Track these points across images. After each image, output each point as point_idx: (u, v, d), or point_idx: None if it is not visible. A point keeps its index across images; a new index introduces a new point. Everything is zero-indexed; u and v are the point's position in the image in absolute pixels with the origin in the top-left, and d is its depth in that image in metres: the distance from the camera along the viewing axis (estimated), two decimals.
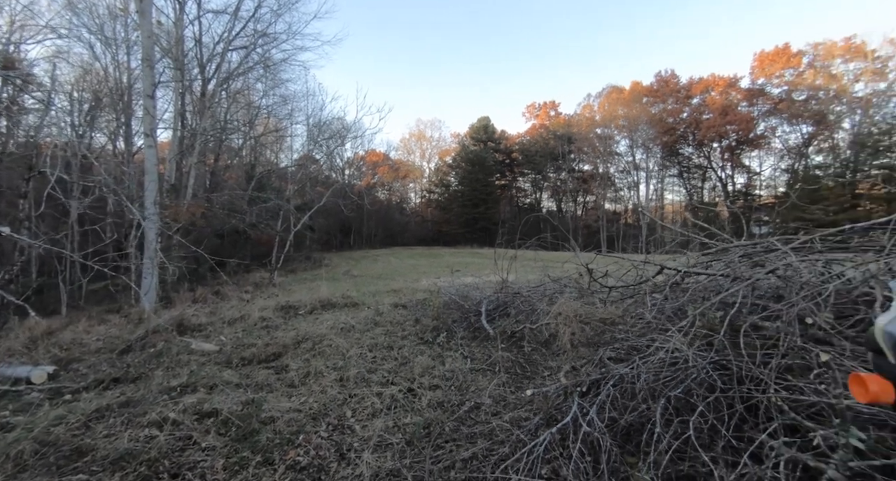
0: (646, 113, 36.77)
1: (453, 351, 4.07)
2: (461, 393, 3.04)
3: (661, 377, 2.31)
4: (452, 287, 7.30)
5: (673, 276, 3.60)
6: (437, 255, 21.58)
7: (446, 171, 43.23)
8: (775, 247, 3.11)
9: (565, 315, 3.30)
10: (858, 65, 28.94)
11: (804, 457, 1.64)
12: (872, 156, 26.27)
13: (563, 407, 2.45)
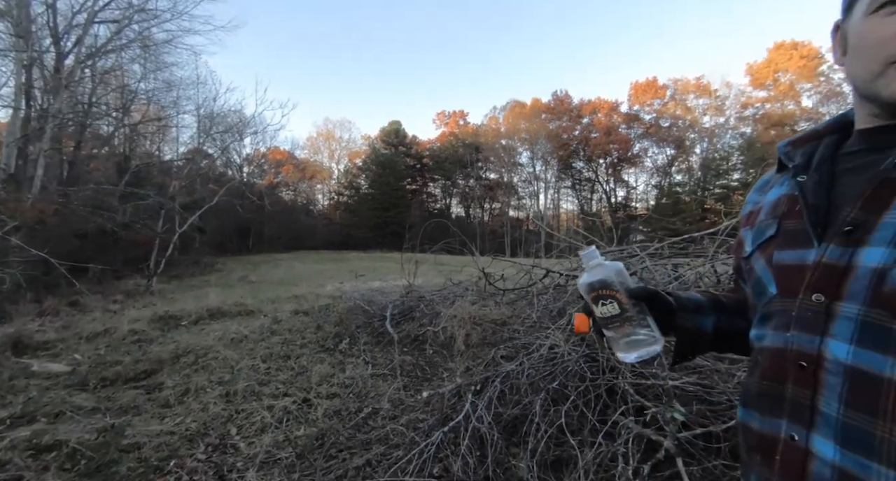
0: (544, 128, 40.08)
1: (355, 357, 4.01)
2: (360, 399, 3.01)
3: (542, 371, 2.56)
4: (358, 292, 7.17)
5: (557, 279, 4.00)
6: (346, 260, 20.96)
7: (356, 174, 42.27)
8: (636, 253, 3.64)
9: (460, 317, 3.46)
10: (706, 100, 35.13)
11: (647, 433, 1.95)
12: (715, 177, 32.04)
13: (458, 407, 2.57)
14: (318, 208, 43.23)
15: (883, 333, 0.46)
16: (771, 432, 0.56)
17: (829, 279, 0.52)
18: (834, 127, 0.62)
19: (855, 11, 0.54)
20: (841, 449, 0.48)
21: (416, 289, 6.06)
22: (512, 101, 43.79)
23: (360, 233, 36.68)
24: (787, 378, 0.54)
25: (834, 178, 0.57)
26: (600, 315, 0.68)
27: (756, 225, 0.66)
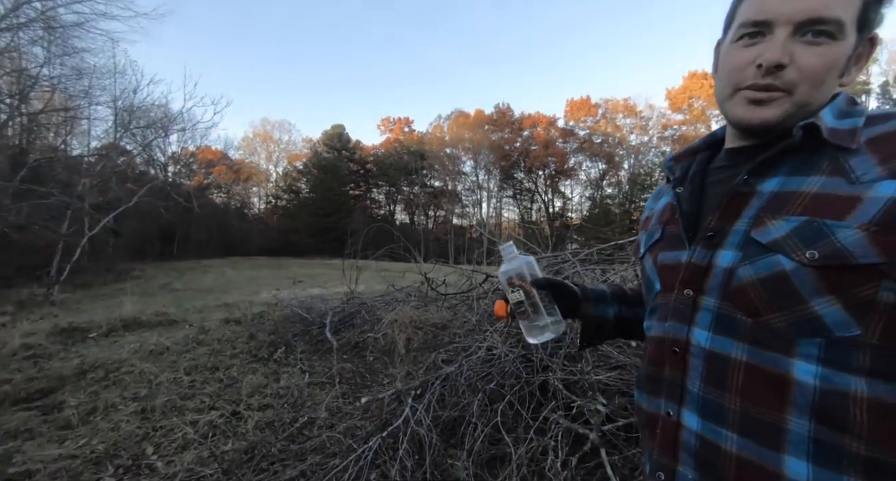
0: (487, 139, 41.29)
1: (291, 366, 3.85)
2: (295, 409, 2.89)
3: (480, 373, 2.63)
4: (296, 299, 6.88)
5: (496, 284, 4.14)
6: (283, 266, 19.99)
7: (296, 177, 40.65)
8: (569, 259, 3.87)
9: (402, 322, 3.46)
10: (632, 120, 38.26)
11: (574, 427, 2.07)
12: (641, 191, 34.89)
13: (398, 411, 2.56)
14: (254, 212, 40.95)
15: (731, 322, 0.54)
16: (654, 410, 0.64)
17: (695, 276, 0.59)
18: (706, 144, 0.71)
19: (728, 35, 0.61)
20: (701, 420, 0.56)
21: (358, 295, 5.94)
22: (456, 110, 44.69)
23: (300, 238, 35.23)
24: (664, 362, 0.62)
25: (704, 190, 0.65)
26: (511, 301, 0.78)
27: (648, 229, 0.75)
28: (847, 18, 0.51)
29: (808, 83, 0.53)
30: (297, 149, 43.89)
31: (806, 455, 0.48)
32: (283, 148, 43.41)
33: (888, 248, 0.45)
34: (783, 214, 0.52)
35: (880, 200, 0.46)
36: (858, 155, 0.50)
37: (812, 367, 0.48)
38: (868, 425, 0.45)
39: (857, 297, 0.46)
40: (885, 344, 0.46)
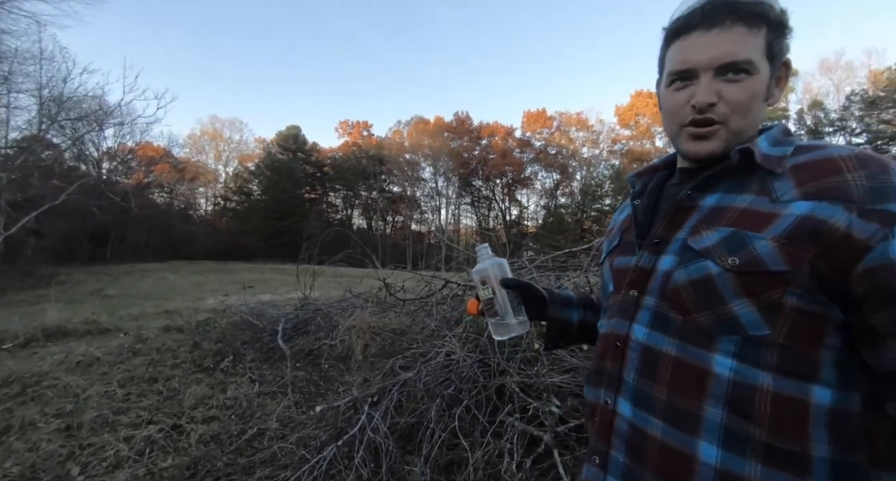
0: (446, 146, 41.67)
1: (240, 376, 3.66)
2: (244, 421, 2.75)
3: (438, 378, 2.63)
4: (246, 305, 6.56)
5: (455, 289, 4.16)
6: (232, 271, 19.00)
7: (248, 178, 38.94)
8: (525, 266, 3.97)
9: (359, 327, 3.40)
10: (584, 134, 40.12)
11: (529, 429, 2.12)
12: (592, 201, 36.56)
13: (354, 419, 2.50)
14: (200, 214, 38.73)
15: (665, 319, 0.61)
16: (595, 401, 0.70)
17: (640, 278, 0.65)
18: (666, 164, 0.78)
19: (662, 79, 0.68)
20: (633, 408, 0.62)
21: (313, 301, 5.77)
22: (416, 116, 44.82)
23: (251, 242, 33.70)
24: (607, 356, 0.68)
25: (658, 203, 0.72)
26: (481, 297, 0.82)
27: (609, 237, 0.83)
28: (756, 57, 0.59)
29: (737, 114, 0.61)
30: (248, 149, 42.10)
31: (717, 440, 0.53)
32: (234, 147, 41.49)
33: (793, 259, 0.51)
34: (715, 226, 0.58)
35: (791, 217, 0.53)
36: (782, 179, 0.57)
37: (728, 362, 0.54)
38: (770, 416, 0.51)
39: (768, 300, 0.52)
40: (789, 343, 0.51)
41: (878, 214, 0.49)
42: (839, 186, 0.52)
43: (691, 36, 0.61)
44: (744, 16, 0.58)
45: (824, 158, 0.56)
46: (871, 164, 0.52)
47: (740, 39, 0.58)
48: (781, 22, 0.60)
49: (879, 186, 0.50)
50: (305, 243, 6.61)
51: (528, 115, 42.00)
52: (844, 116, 31.23)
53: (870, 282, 0.49)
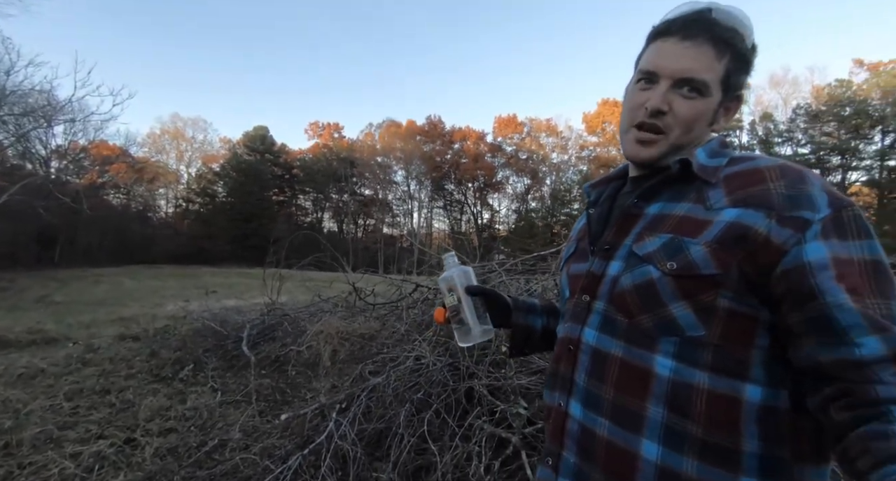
0: (419, 150, 41.68)
1: (201, 385, 3.52)
2: (204, 432, 2.64)
3: (408, 383, 2.62)
4: (209, 311, 6.31)
5: (426, 293, 4.16)
6: (194, 275, 18.21)
7: (212, 180, 37.54)
8: (495, 269, 4.02)
9: (327, 333, 3.34)
10: (554, 140, 41.09)
11: (498, 431, 2.14)
12: (561, 205, 37.44)
13: (321, 427, 2.45)
14: (160, 216, 37.00)
15: (612, 322, 0.63)
16: (551, 403, 0.71)
17: (591, 284, 0.68)
18: (619, 174, 0.81)
19: (633, 75, 0.70)
20: (583, 409, 0.64)
21: (280, 306, 5.61)
22: (388, 119, 44.56)
23: (215, 245, 32.48)
24: (561, 359, 0.70)
25: (611, 212, 0.75)
26: (447, 304, 0.83)
27: (568, 245, 0.85)
28: (712, 81, 0.62)
29: (680, 128, 0.64)
30: (213, 149, 40.61)
31: (658, 438, 0.56)
32: (198, 147, 39.93)
33: (723, 263, 0.54)
34: (657, 232, 0.62)
35: (721, 223, 0.56)
36: (716, 188, 0.60)
37: (668, 362, 0.56)
38: (705, 412, 0.54)
39: (702, 303, 0.55)
40: (722, 343, 0.55)
41: (793, 221, 0.53)
42: (762, 194, 0.56)
43: (668, 41, 0.64)
44: (715, 38, 0.62)
45: (752, 169, 0.60)
46: (791, 174, 0.56)
47: (705, 60, 0.62)
48: (746, 57, 0.64)
49: (795, 195, 0.54)
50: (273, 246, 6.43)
51: (500, 121, 42.63)
52: (791, 128, 33.42)
53: (786, 284, 0.52)
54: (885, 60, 31.06)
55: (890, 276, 0.51)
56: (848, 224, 0.53)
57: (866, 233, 0.53)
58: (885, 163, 30.75)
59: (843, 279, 0.50)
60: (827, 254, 0.51)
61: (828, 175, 32.36)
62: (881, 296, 0.49)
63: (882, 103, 29.95)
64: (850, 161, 31.77)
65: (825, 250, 0.51)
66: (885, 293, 0.50)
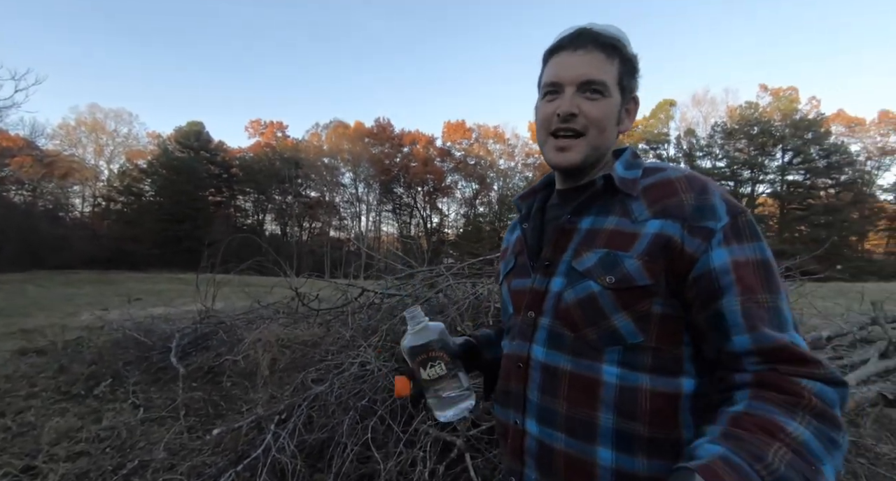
0: (367, 152, 41.07)
1: (120, 401, 3.20)
2: (122, 453, 2.40)
3: (352, 390, 2.55)
4: (131, 320, 5.77)
5: (373, 297, 4.09)
6: (114, 281, 16.57)
7: (138, 177, 34.48)
8: (443, 273, 4.04)
9: (266, 340, 3.17)
10: (501, 146, 42.28)
11: (443, 435, 2.15)
12: (508, 211, 38.55)
13: (257, 441, 2.32)
14: (75, 215, 33.33)
15: (559, 337, 0.66)
16: (505, 421, 0.73)
17: (535, 300, 0.70)
18: (543, 185, 0.83)
19: (539, 94, 0.76)
20: (539, 425, 0.66)
21: (215, 313, 5.26)
22: (335, 120, 43.55)
23: (141, 248, 29.85)
24: (511, 377, 0.71)
25: (543, 225, 0.77)
26: (428, 377, 0.69)
27: (505, 259, 0.86)
28: (609, 82, 0.68)
29: (594, 128, 0.68)
30: (139, 144, 37.28)
31: (611, 444, 0.59)
32: (121, 142, 36.47)
33: (653, 273, 0.59)
34: (593, 247, 0.65)
35: (648, 235, 0.61)
36: (638, 200, 0.65)
37: (614, 370, 0.60)
38: (650, 411, 0.58)
39: (640, 312, 0.60)
40: (659, 346, 0.59)
41: (701, 230, 0.58)
42: (677, 205, 0.61)
43: (561, 55, 0.70)
44: (603, 45, 0.68)
45: (665, 180, 0.65)
46: (696, 186, 0.62)
47: (598, 63, 0.68)
48: (631, 61, 0.71)
49: (701, 206, 0.60)
50: (208, 250, 6.02)
51: (449, 126, 43.15)
52: (710, 143, 36.98)
53: (696, 288, 0.58)
54: (784, 87, 35.35)
55: (775, 273, 0.58)
56: (743, 229, 0.59)
57: (756, 235, 0.59)
58: (785, 177, 34.95)
59: (740, 280, 0.56)
60: (728, 259, 0.57)
61: (740, 187, 36.20)
62: (769, 291, 0.56)
63: (782, 124, 34.06)
64: (758, 175, 35.73)
65: (727, 256, 0.57)
66: (772, 288, 0.56)
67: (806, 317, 4.76)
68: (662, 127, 38.36)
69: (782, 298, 0.56)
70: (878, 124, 34.90)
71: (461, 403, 0.69)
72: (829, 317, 5.17)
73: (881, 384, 3.22)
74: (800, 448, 0.45)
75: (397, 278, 4.43)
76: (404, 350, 0.71)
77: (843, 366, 3.78)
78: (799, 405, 0.49)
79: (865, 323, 4.62)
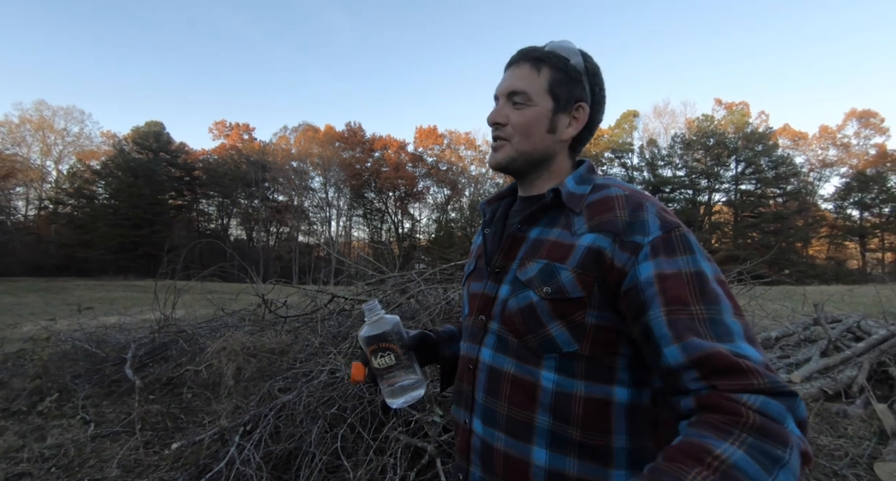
0: (338, 156, 40.54)
1: (68, 417, 3.01)
2: (70, 473, 2.25)
3: (321, 398, 2.50)
4: (81, 331, 5.42)
5: (343, 304, 4.03)
6: (62, 289, 15.54)
7: (91, 179, 32.61)
8: (414, 278, 4.04)
9: (230, 349, 3.06)
10: (472, 153, 42.72)
11: (413, 441, 2.14)
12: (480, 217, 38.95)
13: (221, 454, 2.23)
14: (17, 219, 31.05)
15: (505, 342, 0.69)
16: (457, 419, 0.75)
17: (486, 305, 0.73)
18: (510, 191, 0.86)
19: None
20: (483, 425, 0.69)
21: (175, 322, 5.02)
22: (304, 123, 42.79)
23: (94, 254, 28.19)
24: (463, 377, 0.74)
25: (503, 231, 0.79)
26: (378, 366, 0.73)
27: (469, 261, 0.88)
28: (532, 91, 0.72)
29: (518, 134, 0.73)
30: (92, 144, 35.31)
31: (546, 444, 0.62)
32: (72, 142, 34.43)
33: (586, 285, 0.62)
34: (535, 258, 0.68)
35: (582, 248, 0.63)
36: (580, 215, 0.67)
37: (552, 375, 0.63)
38: (582, 416, 0.61)
39: (574, 322, 0.62)
40: (592, 355, 0.62)
41: (630, 245, 0.60)
42: (611, 221, 0.63)
43: (504, 73, 0.77)
44: (532, 58, 0.73)
45: (605, 197, 0.68)
46: (632, 203, 0.64)
47: (523, 75, 0.73)
48: (567, 71, 0.73)
49: (633, 221, 0.62)
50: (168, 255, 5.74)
51: (421, 131, 43.24)
52: (671, 153, 38.78)
53: (627, 301, 0.59)
54: (737, 101, 37.64)
55: (711, 284, 0.56)
56: (676, 242, 0.59)
57: (690, 249, 0.59)
58: (738, 186, 37.09)
59: (664, 292, 0.56)
60: (653, 271, 0.57)
61: (698, 195, 38.13)
62: (704, 302, 0.55)
63: (735, 137, 36.20)
64: (714, 184, 37.76)
65: (652, 268, 0.58)
66: (708, 300, 0.55)
67: (757, 318, 5.07)
68: (627, 136, 39.96)
69: (724, 310, 0.54)
70: (819, 138, 37.77)
71: (411, 392, 0.74)
72: (778, 318, 5.52)
73: (822, 380, 3.47)
74: (728, 469, 0.42)
75: (368, 284, 4.39)
76: (360, 339, 0.75)
77: (790, 365, 4.04)
78: (737, 424, 0.46)
79: (809, 323, 4.94)
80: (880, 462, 2.22)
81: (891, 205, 34.13)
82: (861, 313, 5.24)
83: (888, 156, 34.20)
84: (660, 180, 38.05)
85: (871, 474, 2.22)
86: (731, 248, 32.24)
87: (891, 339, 3.83)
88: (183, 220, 36.67)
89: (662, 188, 37.60)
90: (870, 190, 34.50)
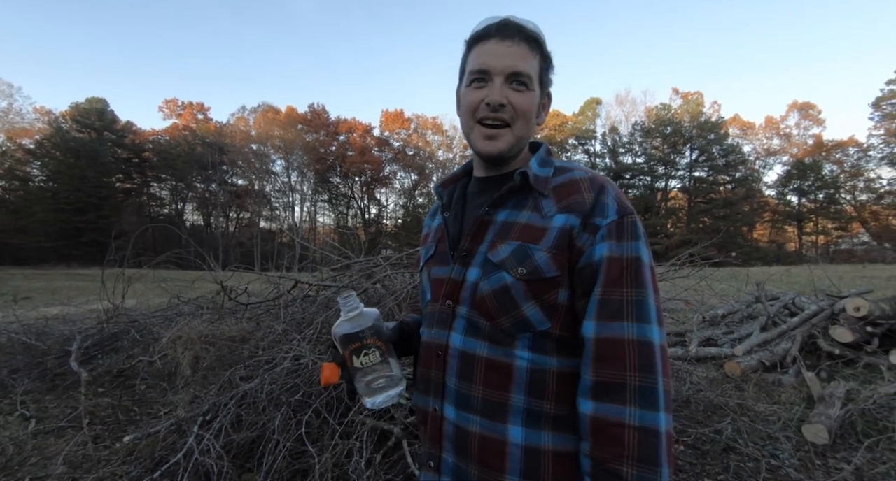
0: (301, 139, 39.13)
1: (5, 414, 2.82)
2: (9, 472, 2.11)
3: (285, 385, 2.45)
4: (18, 323, 5.03)
5: (307, 290, 3.93)
6: None
7: (23, 159, 29.89)
8: (380, 264, 4.00)
9: (187, 338, 2.94)
10: (440, 138, 42.40)
11: (379, 424, 2.15)
12: None
13: (178, 445, 2.16)
14: None
15: (476, 325, 0.69)
16: (425, 407, 0.74)
17: (453, 289, 0.72)
18: (465, 172, 0.85)
19: (463, 81, 0.76)
20: (456, 410, 0.69)
21: (125, 311, 4.76)
22: (264, 103, 40.88)
23: (31, 241, 26.08)
24: (431, 364, 0.73)
25: (464, 214, 0.79)
26: (360, 365, 0.68)
27: (426, 245, 0.86)
28: (533, 75, 0.71)
29: (521, 119, 0.71)
30: (24, 121, 32.22)
31: (521, 421, 0.64)
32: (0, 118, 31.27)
33: (560, 264, 0.64)
34: (507, 240, 0.68)
35: (555, 229, 0.65)
36: (548, 198, 0.69)
37: (526, 354, 0.65)
38: (556, 390, 0.64)
39: (547, 301, 0.64)
40: (563, 333, 0.65)
41: (591, 226, 0.64)
42: (578, 202, 0.66)
43: (489, 43, 0.70)
44: (527, 37, 0.70)
45: (572, 180, 0.70)
46: (596, 185, 0.67)
47: (525, 56, 0.70)
48: (548, 58, 0.74)
49: (595, 204, 0.65)
50: (116, 242, 5.39)
51: (387, 115, 42.38)
52: (631, 141, 40.06)
53: (580, 277, 0.64)
54: (692, 91, 39.19)
55: (644, 271, 0.63)
56: (626, 228, 0.64)
57: (636, 236, 0.64)
58: (692, 173, 38.95)
59: (607, 273, 0.62)
60: (605, 253, 0.62)
61: (656, 181, 39.76)
62: (636, 286, 0.61)
63: (690, 125, 37.80)
64: (671, 171, 39.45)
65: (605, 249, 0.63)
66: (638, 283, 0.61)
67: (706, 297, 5.40)
68: (590, 124, 40.84)
69: (649, 294, 0.62)
70: (765, 128, 40.13)
71: (390, 390, 0.70)
72: (725, 297, 5.91)
73: (761, 353, 3.76)
74: None
75: (333, 269, 4.30)
76: (337, 337, 0.69)
77: (734, 340, 4.34)
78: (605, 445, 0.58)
79: (751, 301, 5.32)
80: (807, 424, 2.45)
81: (825, 191, 36.97)
82: (796, 291, 5.70)
83: (823, 145, 36.90)
84: (621, 167, 39.32)
85: (799, 435, 2.44)
86: (684, 233, 34.05)
87: (820, 314, 4.18)
88: (133, 205, 34.48)
89: (623, 175, 38.92)
90: (807, 177, 37.20)
